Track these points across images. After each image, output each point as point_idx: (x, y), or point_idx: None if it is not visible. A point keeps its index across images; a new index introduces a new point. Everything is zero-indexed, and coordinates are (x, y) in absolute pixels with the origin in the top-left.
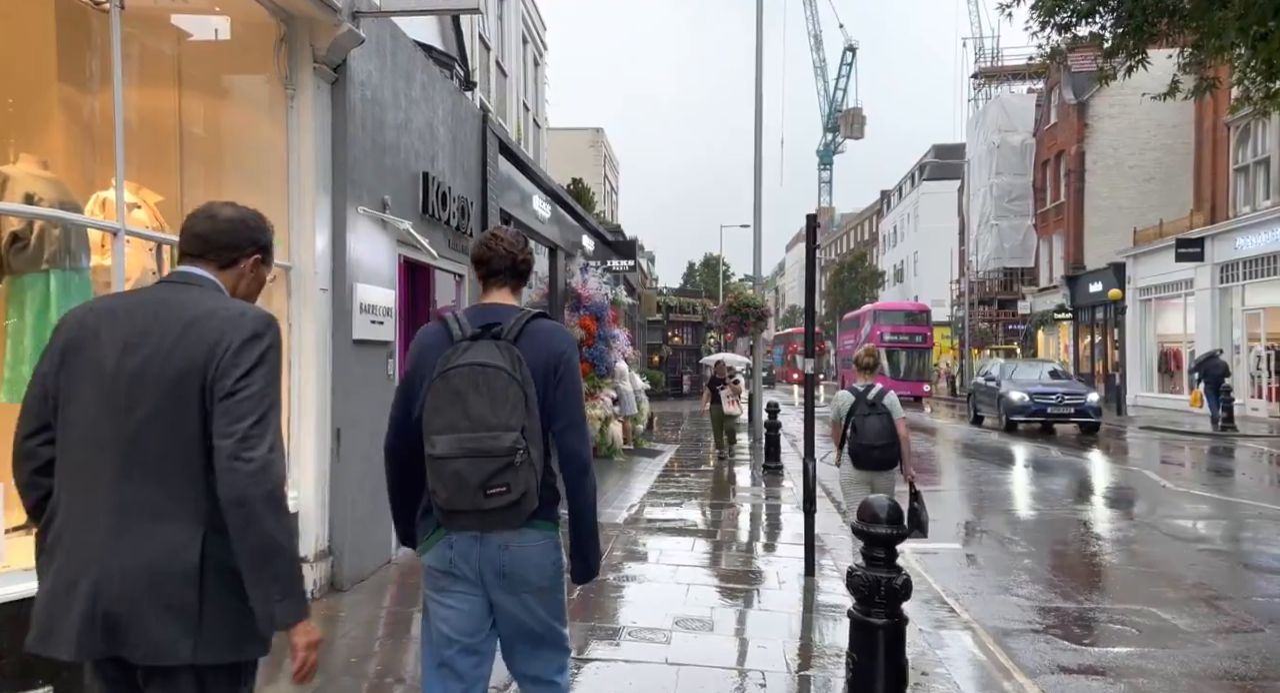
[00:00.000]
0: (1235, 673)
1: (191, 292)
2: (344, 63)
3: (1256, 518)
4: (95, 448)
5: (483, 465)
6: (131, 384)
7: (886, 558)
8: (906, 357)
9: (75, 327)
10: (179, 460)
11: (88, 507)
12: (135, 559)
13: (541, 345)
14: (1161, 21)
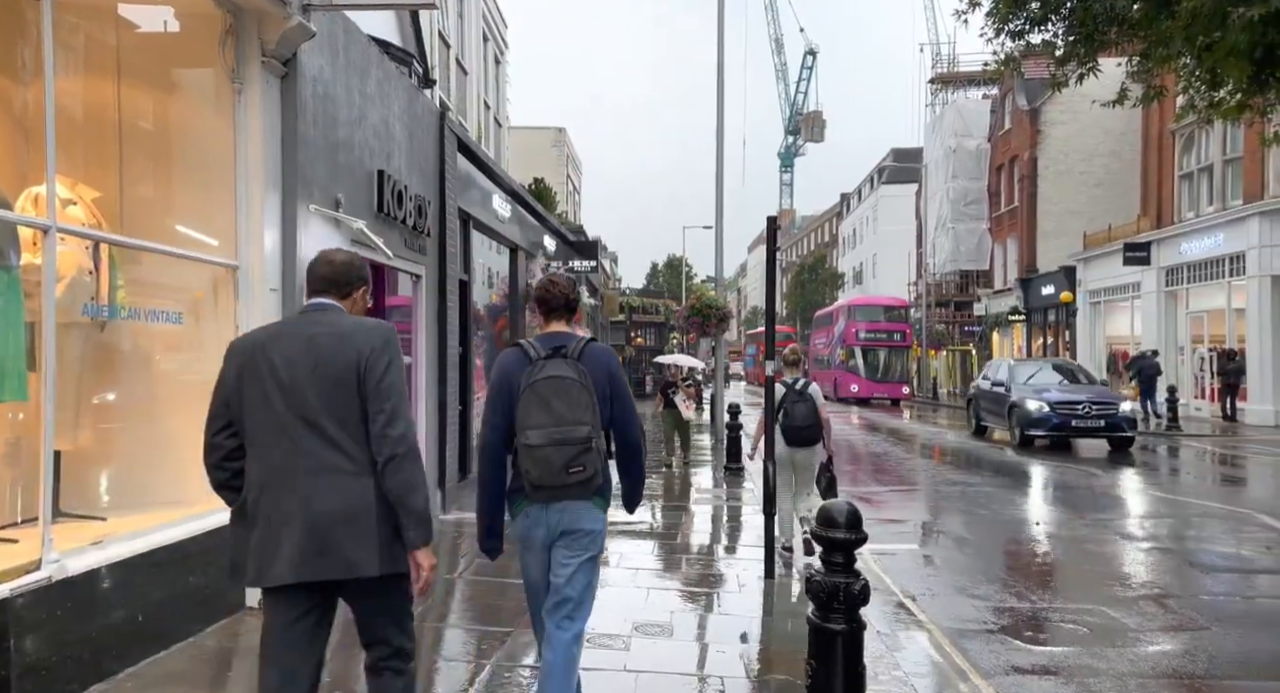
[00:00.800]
0: (1183, 671)
1: (332, 314)
2: (294, 57)
3: (1201, 516)
4: (281, 432)
5: (566, 451)
6: (305, 384)
7: (845, 563)
8: (885, 356)
9: (246, 352)
10: (350, 433)
11: (283, 474)
12: (332, 505)
13: (598, 362)
14: (1111, 30)
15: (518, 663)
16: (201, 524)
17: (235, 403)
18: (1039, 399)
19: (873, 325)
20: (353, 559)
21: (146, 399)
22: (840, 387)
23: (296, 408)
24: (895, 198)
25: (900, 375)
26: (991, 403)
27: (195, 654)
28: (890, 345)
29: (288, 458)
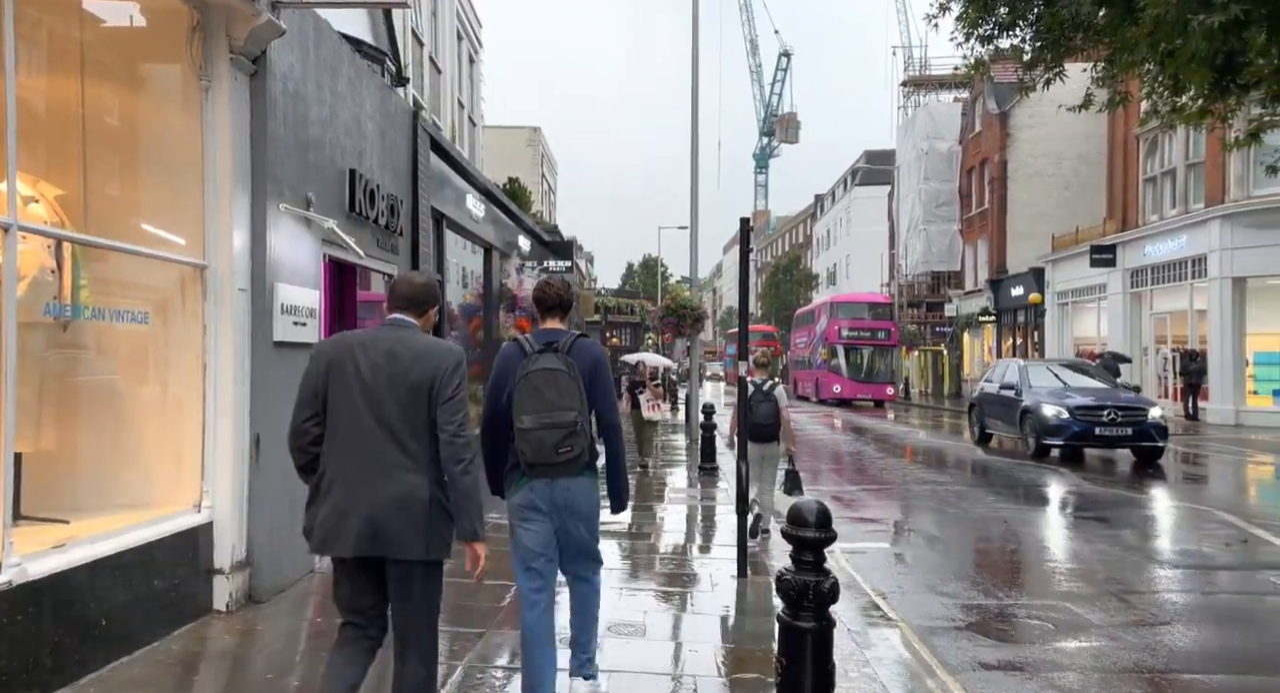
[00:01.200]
0: (1144, 666)
1: (410, 330)
2: (264, 54)
3: (1164, 514)
4: (358, 429)
5: (555, 433)
6: (383, 389)
7: (815, 562)
8: (869, 355)
9: (334, 352)
10: (415, 437)
11: (356, 464)
12: (391, 494)
13: (585, 355)
14: (1077, 36)
15: (490, 664)
16: (167, 527)
17: (322, 395)
18: (1057, 404)
19: (856, 323)
20: (401, 544)
21: (111, 400)
22: (822, 388)
23: (374, 408)
24: (868, 199)
25: (885, 376)
26: (999, 408)
27: (161, 659)
28: (874, 344)
29: (361, 452)
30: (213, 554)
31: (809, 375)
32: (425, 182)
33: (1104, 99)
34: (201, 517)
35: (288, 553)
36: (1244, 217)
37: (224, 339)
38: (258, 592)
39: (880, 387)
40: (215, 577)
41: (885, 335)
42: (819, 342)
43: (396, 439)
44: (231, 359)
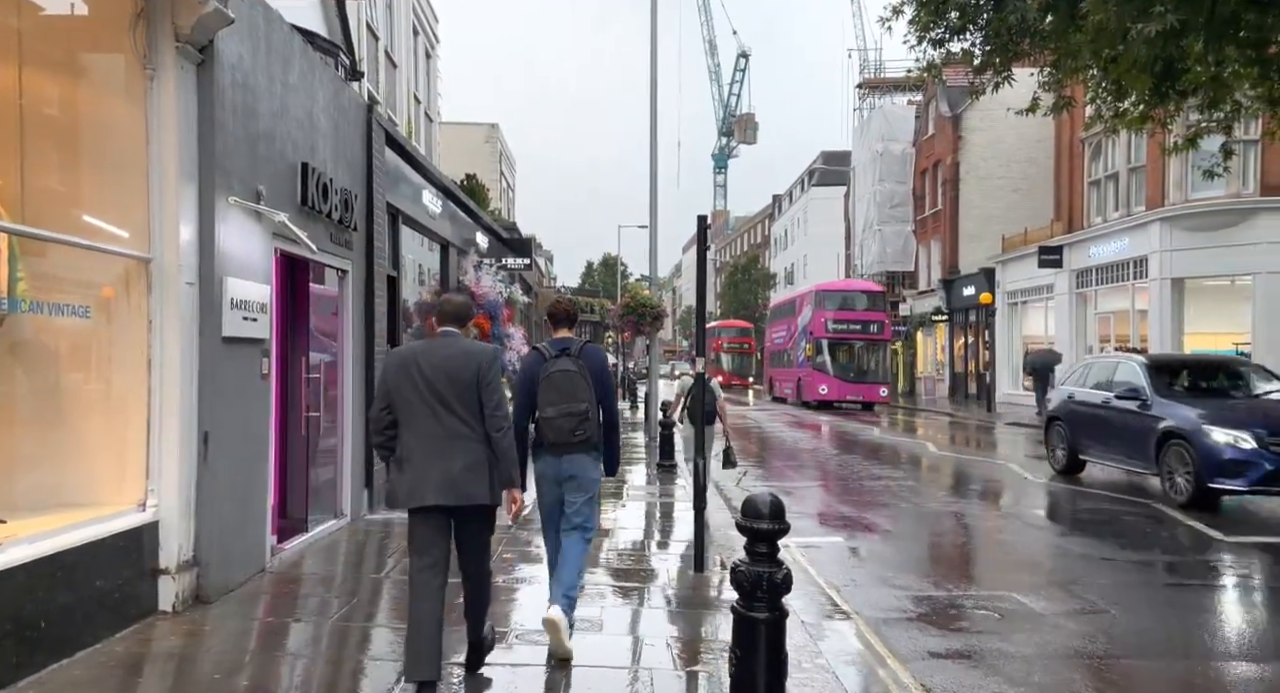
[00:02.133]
0: (1084, 652)
1: (457, 337)
2: (211, 44)
3: (1107, 505)
4: (429, 413)
5: (571, 420)
6: (444, 382)
7: (769, 553)
8: (859, 351)
9: (402, 359)
10: (472, 415)
11: (428, 438)
12: (462, 459)
13: (593, 358)
14: (1024, 41)
15: (446, 660)
16: (111, 526)
17: (394, 391)
18: (1233, 428)
19: (844, 315)
20: (471, 493)
21: (51, 397)
22: (806, 388)
23: (439, 397)
24: (825, 200)
25: (877, 374)
26: (1107, 427)
27: (103, 661)
28: (865, 338)
29: (433, 429)
30: (158, 554)
31: (789, 375)
32: (380, 176)
33: (1049, 103)
34: (146, 516)
35: (237, 552)
36: (1183, 220)
37: (170, 334)
38: (205, 592)
39: (872, 387)
40: (161, 577)
41: (877, 328)
42: (801, 336)
43: (459, 418)
44: (179, 355)
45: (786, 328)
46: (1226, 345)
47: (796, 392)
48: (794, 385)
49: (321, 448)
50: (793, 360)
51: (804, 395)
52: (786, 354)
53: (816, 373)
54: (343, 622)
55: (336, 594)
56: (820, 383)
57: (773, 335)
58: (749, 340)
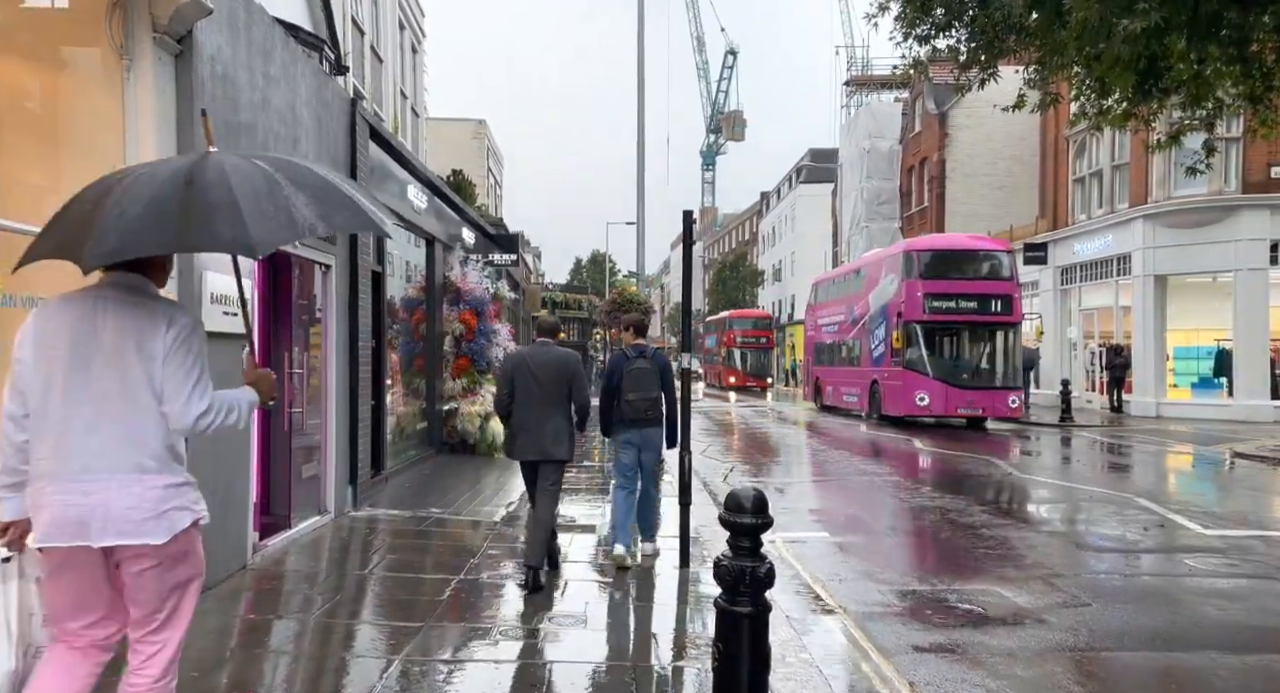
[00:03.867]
0: (1066, 645)
1: (552, 346)
2: (190, 34)
3: (1088, 501)
4: (536, 398)
5: (645, 402)
6: (547, 377)
7: (751, 547)
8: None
9: (516, 360)
10: (563, 398)
11: (534, 415)
12: (551, 427)
13: (660, 360)
14: (1010, 38)
15: (430, 658)
16: None
17: (515, 381)
18: None
19: (954, 286)
20: (554, 452)
21: None
22: (889, 396)
23: (541, 387)
24: (813, 197)
25: (1003, 376)
26: None
27: None
28: (985, 320)
29: (537, 411)
30: None
31: (852, 377)
32: (365, 171)
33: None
34: None
35: (218, 549)
36: (1165, 216)
37: None
38: None
39: (995, 394)
40: None
41: (1000, 307)
42: (879, 322)
43: (552, 402)
44: None
45: (846, 309)
46: (1208, 341)
47: (869, 400)
48: (862, 391)
49: (304, 444)
50: (859, 356)
51: (885, 407)
52: (846, 347)
53: (909, 374)
54: (326, 618)
55: (320, 591)
56: (918, 388)
57: (821, 321)
58: (767, 333)
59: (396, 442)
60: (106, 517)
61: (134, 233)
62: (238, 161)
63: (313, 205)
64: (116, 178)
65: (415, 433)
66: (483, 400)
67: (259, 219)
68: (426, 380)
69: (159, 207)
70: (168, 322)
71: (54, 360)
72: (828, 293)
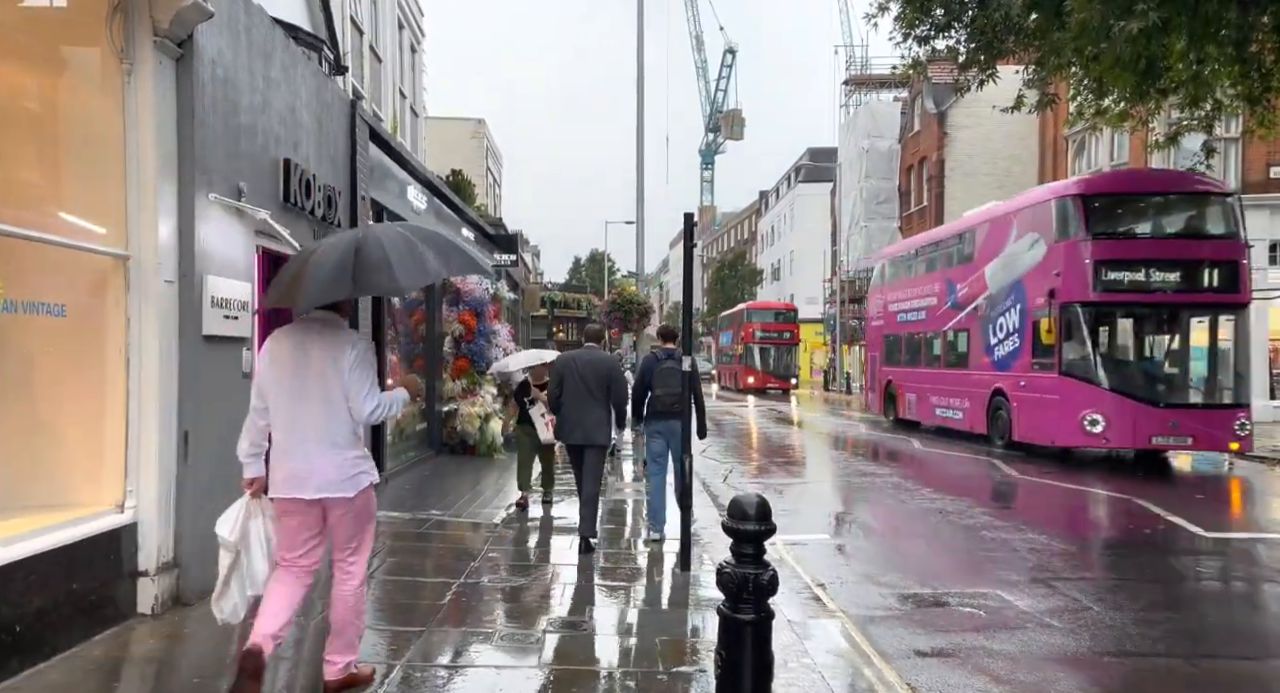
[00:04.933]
0: (1067, 649)
1: (596, 350)
2: (191, 38)
3: (1091, 503)
4: (580, 392)
5: (672, 398)
6: (590, 376)
7: (754, 554)
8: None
9: (566, 363)
10: (603, 395)
11: (579, 407)
12: (593, 418)
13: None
14: (1009, 39)
15: (431, 663)
16: (88, 528)
17: (565, 379)
18: None
19: (1147, 248)
20: (595, 437)
21: (26, 396)
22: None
23: (586, 384)
24: (811, 196)
25: (1226, 388)
26: None
27: (81, 665)
28: (1198, 299)
29: (582, 402)
30: (137, 556)
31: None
32: (364, 172)
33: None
34: (125, 517)
35: (218, 554)
36: None
37: (149, 333)
38: (186, 594)
39: (1215, 416)
40: (140, 579)
41: (1219, 279)
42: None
43: (594, 396)
44: (158, 354)
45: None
46: None
47: (988, 420)
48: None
49: None
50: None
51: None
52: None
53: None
54: (325, 623)
55: (319, 595)
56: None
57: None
58: (791, 327)
59: (396, 443)
60: (317, 478)
61: (326, 286)
62: (388, 230)
63: (438, 257)
64: (311, 251)
65: (415, 434)
66: (482, 402)
67: (404, 271)
68: (426, 381)
69: (340, 268)
70: (351, 345)
71: (281, 371)
72: (907, 268)
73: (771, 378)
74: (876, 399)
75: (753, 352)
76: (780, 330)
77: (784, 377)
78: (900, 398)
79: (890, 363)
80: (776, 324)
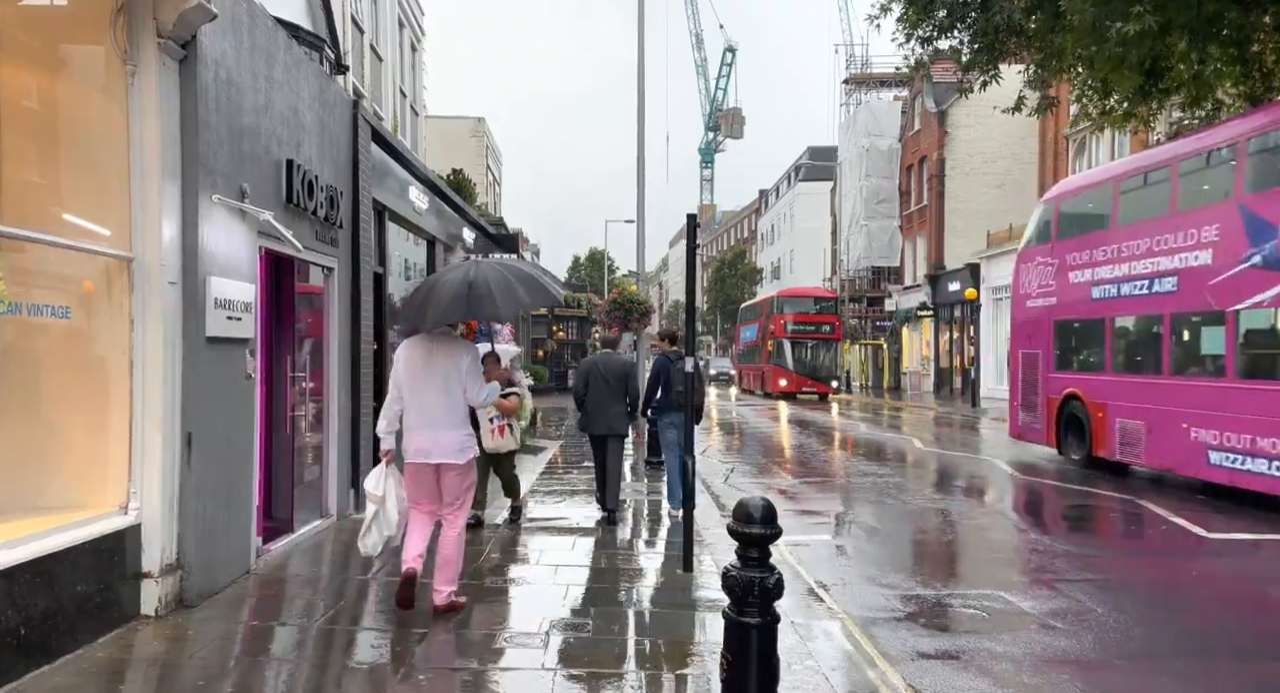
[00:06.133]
0: (1071, 653)
1: (617, 354)
2: (194, 39)
3: (1093, 505)
4: (603, 391)
5: (682, 394)
6: (612, 375)
7: (760, 558)
8: None
9: (590, 363)
10: (620, 391)
11: (601, 403)
12: (614, 412)
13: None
14: (1011, 40)
15: (435, 666)
16: (92, 530)
17: (589, 379)
18: None
19: None
20: (617, 428)
21: (31, 398)
22: None
23: (608, 383)
24: (811, 195)
25: None
26: None
27: (85, 667)
28: None
29: (605, 398)
30: (140, 558)
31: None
32: (366, 173)
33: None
34: (128, 519)
35: (221, 555)
36: None
37: (153, 334)
38: (189, 596)
39: None
40: (144, 581)
41: None
42: None
43: (615, 394)
44: (161, 355)
45: (1247, 221)
46: None
47: None
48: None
49: (307, 447)
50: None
51: None
52: (1260, 326)
53: None
54: (328, 625)
55: (322, 596)
56: None
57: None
58: (832, 319)
59: None
60: (440, 449)
61: (447, 311)
62: (492, 269)
63: (527, 291)
64: (433, 283)
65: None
66: None
67: (503, 300)
68: None
69: (456, 298)
70: (465, 351)
71: (414, 371)
72: (1132, 203)
73: (808, 380)
74: (1042, 423)
75: (784, 348)
76: (819, 322)
77: (824, 379)
78: (1101, 425)
79: (1070, 367)
80: (815, 315)
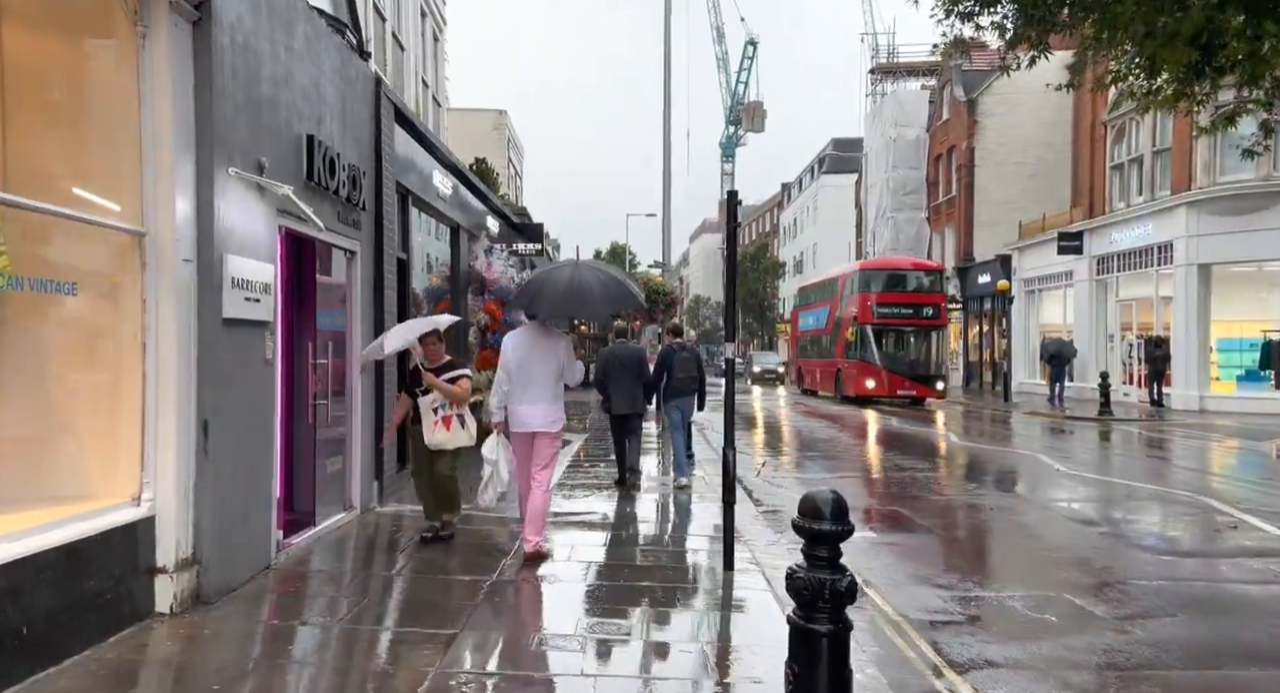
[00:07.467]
0: (1160, 663)
1: (629, 343)
2: (208, 1)
3: (1146, 499)
4: (623, 376)
5: (688, 379)
6: (628, 363)
7: (830, 558)
8: None
9: (608, 354)
10: (637, 375)
11: (622, 387)
12: (634, 391)
13: (696, 352)
14: (1062, 12)
15: (463, 669)
16: (102, 522)
17: (608, 368)
18: None
19: None
20: (638, 406)
21: (34, 378)
22: None
23: (626, 371)
24: (835, 188)
25: None
26: None
27: (93, 669)
28: None
29: (624, 383)
30: (154, 551)
31: None
32: (390, 153)
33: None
34: (141, 510)
35: (240, 549)
36: (1210, 203)
37: (166, 315)
38: (206, 592)
39: None
40: (157, 576)
41: None
42: None
43: (632, 378)
44: (175, 337)
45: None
46: (1254, 333)
47: None
48: None
49: (329, 437)
50: None
51: None
52: None
53: None
54: (352, 625)
55: (346, 594)
56: None
57: None
58: (936, 299)
59: None
60: (538, 419)
61: (554, 305)
62: (590, 272)
63: (620, 294)
64: (543, 280)
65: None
66: None
67: (601, 300)
68: None
69: (562, 296)
70: (563, 339)
71: (521, 355)
72: None
73: (905, 380)
74: None
75: (869, 338)
76: (920, 302)
77: (926, 378)
78: None
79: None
80: (912, 293)
